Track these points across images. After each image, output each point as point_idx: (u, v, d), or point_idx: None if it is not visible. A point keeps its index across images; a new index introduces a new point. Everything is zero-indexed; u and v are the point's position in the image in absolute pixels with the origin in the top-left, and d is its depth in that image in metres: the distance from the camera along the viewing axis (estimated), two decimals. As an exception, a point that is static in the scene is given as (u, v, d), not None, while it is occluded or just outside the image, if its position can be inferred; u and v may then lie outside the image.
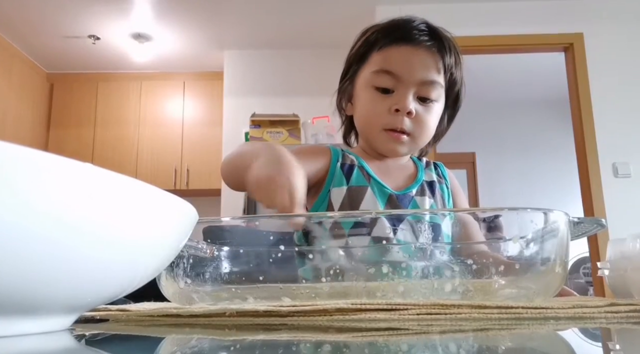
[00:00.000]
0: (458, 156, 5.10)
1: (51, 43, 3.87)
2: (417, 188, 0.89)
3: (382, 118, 0.85)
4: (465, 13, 3.35)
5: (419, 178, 0.91)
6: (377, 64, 0.86)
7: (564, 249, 0.46)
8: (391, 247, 0.48)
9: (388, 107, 0.84)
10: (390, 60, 0.85)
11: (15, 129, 3.83)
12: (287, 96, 3.90)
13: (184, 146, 4.18)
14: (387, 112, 0.84)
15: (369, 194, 0.84)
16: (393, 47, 0.85)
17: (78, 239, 0.25)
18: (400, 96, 0.83)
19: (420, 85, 0.84)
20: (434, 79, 0.84)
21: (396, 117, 0.84)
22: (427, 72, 0.84)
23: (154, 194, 0.29)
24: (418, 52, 0.84)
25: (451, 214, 0.55)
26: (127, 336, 0.34)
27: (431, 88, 0.84)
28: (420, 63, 0.84)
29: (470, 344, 0.27)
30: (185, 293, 0.47)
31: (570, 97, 3.31)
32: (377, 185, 0.86)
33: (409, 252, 0.48)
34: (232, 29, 3.76)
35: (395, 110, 0.83)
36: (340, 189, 0.85)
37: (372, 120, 0.87)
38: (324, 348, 0.26)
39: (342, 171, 0.87)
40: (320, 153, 0.89)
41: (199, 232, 0.47)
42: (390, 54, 0.85)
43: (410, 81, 0.83)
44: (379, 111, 0.85)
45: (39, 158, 0.23)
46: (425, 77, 0.84)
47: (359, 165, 0.88)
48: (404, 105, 0.82)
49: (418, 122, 0.84)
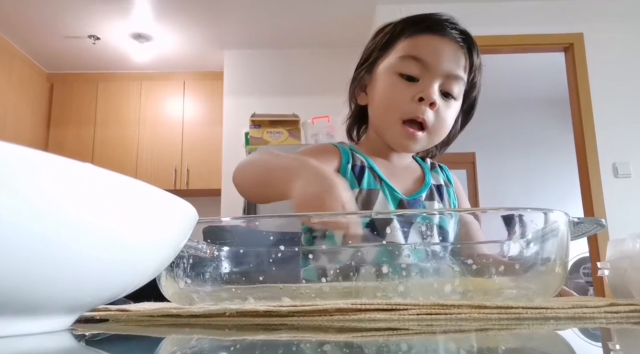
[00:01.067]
0: (458, 156, 5.10)
1: (51, 43, 3.87)
2: (426, 192, 0.88)
3: (402, 106, 0.81)
4: (465, 13, 3.33)
5: (427, 182, 0.90)
6: (404, 50, 0.83)
7: (564, 249, 0.46)
8: (395, 248, 0.48)
9: (411, 95, 0.80)
10: (419, 47, 0.82)
11: (15, 129, 3.83)
12: (287, 96, 3.90)
13: (184, 146, 4.18)
14: (410, 100, 0.81)
15: (380, 197, 0.83)
16: (423, 35, 0.83)
17: (78, 239, 0.25)
18: (425, 85, 0.80)
19: (446, 78, 0.81)
20: (460, 74, 0.82)
21: (418, 107, 0.80)
22: (455, 65, 0.82)
23: (154, 194, 0.29)
24: (449, 43, 0.82)
25: (457, 216, 0.55)
26: (127, 336, 0.34)
27: (455, 83, 0.82)
28: (450, 54, 0.82)
29: (470, 344, 0.27)
30: (185, 293, 0.47)
31: (570, 97, 3.31)
32: (388, 188, 0.85)
33: (412, 253, 0.48)
34: (232, 29, 3.76)
35: (419, 99, 0.80)
36: (352, 192, 0.84)
37: (391, 108, 0.83)
38: (324, 348, 0.26)
39: (353, 173, 0.85)
40: (330, 154, 0.87)
41: (199, 233, 0.47)
42: (420, 40, 0.82)
43: (437, 71, 0.81)
44: (400, 99, 0.81)
45: (39, 158, 0.23)
46: (453, 70, 0.82)
47: (369, 166, 0.86)
48: (429, 94, 0.79)
49: (439, 115, 0.82)
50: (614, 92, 3.20)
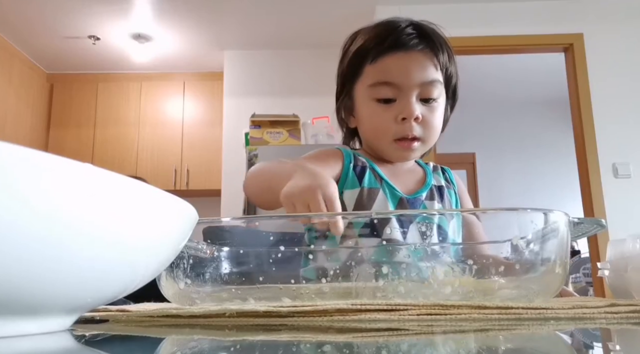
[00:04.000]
0: (458, 156, 5.10)
1: (51, 43, 3.87)
2: (426, 192, 0.89)
3: (389, 129, 0.84)
4: (465, 13, 3.35)
5: (428, 182, 0.91)
6: (373, 77, 0.85)
7: (564, 249, 0.46)
8: (394, 248, 0.48)
9: (394, 117, 0.83)
10: (386, 71, 0.83)
11: (15, 129, 3.83)
12: (287, 96, 3.90)
13: (184, 146, 4.17)
14: (394, 122, 0.83)
15: (380, 196, 0.84)
16: (386, 57, 0.84)
17: (78, 240, 0.25)
18: (404, 104, 0.82)
19: (421, 88, 0.83)
20: (433, 78, 0.84)
21: (404, 125, 0.82)
22: (425, 73, 0.83)
23: (154, 195, 0.29)
24: (412, 56, 0.83)
25: (458, 215, 0.55)
26: (127, 336, 0.34)
27: (432, 88, 0.84)
28: (416, 67, 0.83)
29: (470, 344, 0.27)
30: (186, 294, 0.47)
31: (570, 97, 3.31)
32: (388, 187, 0.86)
33: (412, 252, 0.48)
34: (232, 29, 3.76)
35: (402, 118, 0.82)
36: (353, 191, 0.85)
37: (380, 132, 0.85)
38: (324, 348, 0.26)
39: (354, 173, 0.86)
40: (334, 157, 0.88)
41: (199, 233, 0.47)
42: (385, 64, 0.84)
43: (411, 87, 0.82)
44: (385, 123, 0.84)
45: (39, 158, 0.23)
46: (425, 78, 0.83)
47: (370, 167, 0.88)
48: (410, 112, 0.82)
49: (426, 124, 0.84)
50: (614, 93, 3.20)
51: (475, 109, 5.18)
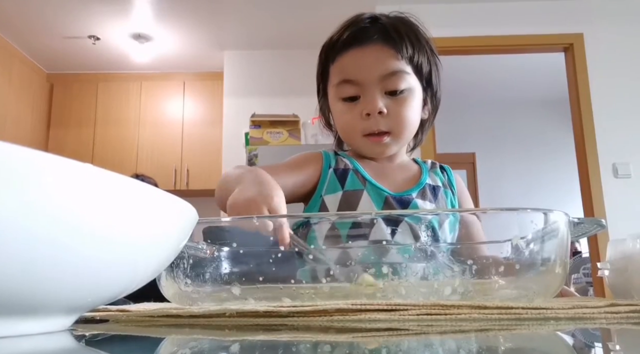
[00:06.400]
0: (458, 156, 5.10)
1: (51, 43, 3.87)
2: (418, 191, 0.87)
3: (356, 126, 0.84)
4: (465, 13, 3.35)
5: (421, 181, 0.89)
6: (335, 76, 0.86)
7: (564, 249, 0.46)
8: (389, 248, 0.48)
9: (359, 114, 0.83)
10: (344, 69, 0.84)
11: (15, 129, 3.83)
12: (287, 96, 3.90)
13: (184, 146, 4.17)
14: (360, 119, 0.83)
15: (364, 197, 0.83)
16: (343, 55, 0.85)
17: (78, 240, 0.25)
18: (367, 100, 0.82)
19: (383, 81, 0.82)
20: (394, 69, 0.82)
21: (369, 121, 0.83)
22: (384, 66, 0.82)
23: (154, 195, 0.29)
24: (367, 50, 0.83)
25: (448, 215, 0.55)
26: (127, 336, 0.34)
27: (395, 79, 0.82)
28: (373, 60, 0.82)
29: (470, 344, 0.27)
30: (186, 294, 0.47)
31: (570, 97, 3.31)
32: (372, 188, 0.84)
33: (408, 252, 0.48)
34: (232, 29, 3.76)
35: (367, 114, 0.82)
36: (335, 194, 0.84)
37: (349, 130, 0.86)
38: (324, 348, 0.26)
39: (335, 176, 0.86)
40: (312, 160, 0.88)
41: (199, 233, 0.47)
42: (343, 62, 0.85)
43: (370, 82, 0.82)
44: (351, 120, 0.84)
45: (39, 158, 0.23)
46: (384, 71, 0.82)
47: (353, 169, 0.87)
48: (372, 107, 0.81)
49: (393, 117, 0.83)
50: (614, 92, 3.20)
51: (475, 109, 5.19)
